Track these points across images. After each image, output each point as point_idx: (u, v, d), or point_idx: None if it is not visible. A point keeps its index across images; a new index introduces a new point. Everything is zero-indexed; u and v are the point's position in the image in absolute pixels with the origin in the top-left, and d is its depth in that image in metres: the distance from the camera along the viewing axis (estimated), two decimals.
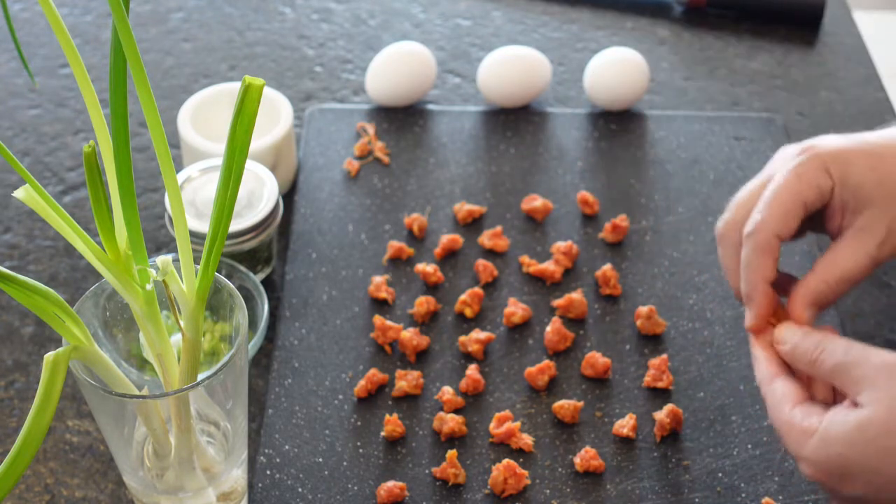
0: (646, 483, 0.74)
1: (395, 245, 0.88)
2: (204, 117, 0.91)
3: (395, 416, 0.76)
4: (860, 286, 0.86)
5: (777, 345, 0.66)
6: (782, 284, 0.69)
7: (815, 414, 0.62)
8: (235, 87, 0.93)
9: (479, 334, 0.81)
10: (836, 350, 0.63)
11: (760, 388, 0.66)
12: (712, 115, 1.01)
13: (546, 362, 0.79)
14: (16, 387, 0.80)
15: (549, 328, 0.81)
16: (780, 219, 0.67)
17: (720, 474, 0.74)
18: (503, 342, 0.82)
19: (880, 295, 0.84)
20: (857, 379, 0.61)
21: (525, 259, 0.87)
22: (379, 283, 0.85)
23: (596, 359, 0.80)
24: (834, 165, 0.68)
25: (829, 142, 0.69)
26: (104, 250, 0.58)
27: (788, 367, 0.66)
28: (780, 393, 0.65)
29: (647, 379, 0.79)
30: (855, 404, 0.61)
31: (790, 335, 0.66)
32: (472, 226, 0.91)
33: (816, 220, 0.70)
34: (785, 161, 0.69)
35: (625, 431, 0.76)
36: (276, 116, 0.91)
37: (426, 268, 0.85)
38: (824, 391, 0.65)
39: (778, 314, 0.68)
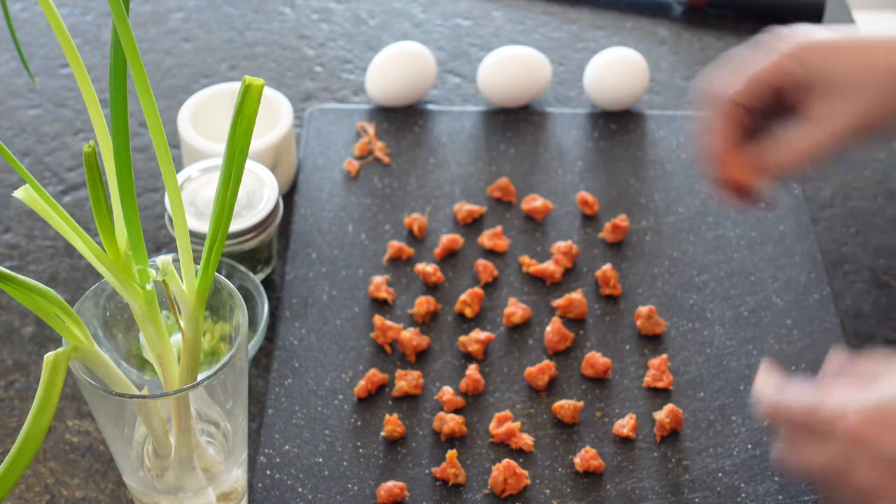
0: (646, 483, 0.74)
1: (395, 245, 0.88)
2: (204, 117, 0.91)
3: (395, 416, 0.76)
4: (859, 285, 0.86)
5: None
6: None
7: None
8: (235, 87, 0.93)
9: (479, 334, 0.81)
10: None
11: None
12: None
13: (546, 362, 0.79)
14: (16, 387, 0.80)
15: (549, 328, 0.81)
16: (732, 75, 0.73)
17: (720, 474, 0.74)
18: (503, 342, 0.82)
19: (880, 295, 0.84)
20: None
21: (525, 259, 0.87)
22: (379, 283, 0.85)
23: (596, 359, 0.80)
24: (800, 51, 0.72)
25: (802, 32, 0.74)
26: (104, 250, 0.58)
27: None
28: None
29: (647, 379, 0.79)
30: None
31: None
32: (472, 226, 0.91)
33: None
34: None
35: (625, 431, 0.76)
36: (276, 116, 0.91)
37: (426, 268, 0.85)
38: None
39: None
